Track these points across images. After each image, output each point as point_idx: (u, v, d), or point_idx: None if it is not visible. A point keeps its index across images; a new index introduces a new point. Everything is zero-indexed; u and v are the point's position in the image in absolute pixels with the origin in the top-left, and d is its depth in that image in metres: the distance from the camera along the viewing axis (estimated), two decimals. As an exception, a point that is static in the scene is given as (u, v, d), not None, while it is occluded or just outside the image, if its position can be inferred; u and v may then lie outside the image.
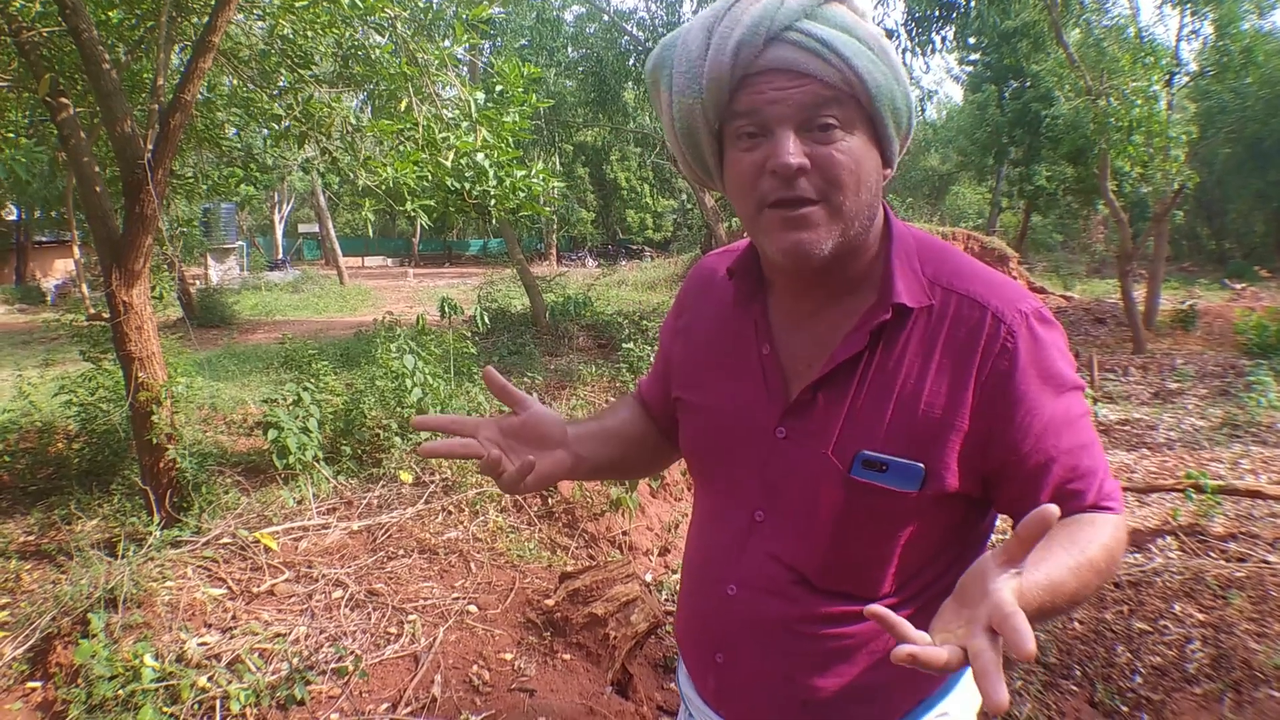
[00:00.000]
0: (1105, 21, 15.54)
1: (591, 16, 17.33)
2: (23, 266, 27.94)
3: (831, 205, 1.08)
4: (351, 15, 5.09)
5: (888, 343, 1.13)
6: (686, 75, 1.11)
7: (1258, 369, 9.34)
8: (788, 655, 1.21)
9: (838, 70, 1.05)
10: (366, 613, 3.41)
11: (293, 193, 38.46)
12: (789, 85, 1.06)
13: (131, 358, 4.74)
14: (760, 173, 1.08)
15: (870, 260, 1.18)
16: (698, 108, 1.11)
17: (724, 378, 1.27)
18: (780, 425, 1.19)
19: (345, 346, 12.52)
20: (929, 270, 1.16)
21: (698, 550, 1.36)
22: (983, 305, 1.11)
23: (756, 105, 1.07)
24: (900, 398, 1.12)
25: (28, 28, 4.59)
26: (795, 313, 1.22)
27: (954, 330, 1.12)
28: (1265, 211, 32.58)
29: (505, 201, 5.27)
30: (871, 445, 1.12)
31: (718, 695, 1.30)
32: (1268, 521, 4.87)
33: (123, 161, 4.46)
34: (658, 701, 3.27)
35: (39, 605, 3.27)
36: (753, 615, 1.22)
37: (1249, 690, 3.05)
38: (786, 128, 1.06)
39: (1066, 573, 0.97)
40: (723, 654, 1.27)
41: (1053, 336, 1.12)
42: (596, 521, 5.04)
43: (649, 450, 1.47)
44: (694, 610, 1.35)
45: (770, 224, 1.09)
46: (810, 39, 1.05)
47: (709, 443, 1.29)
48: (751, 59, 1.06)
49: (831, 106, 1.06)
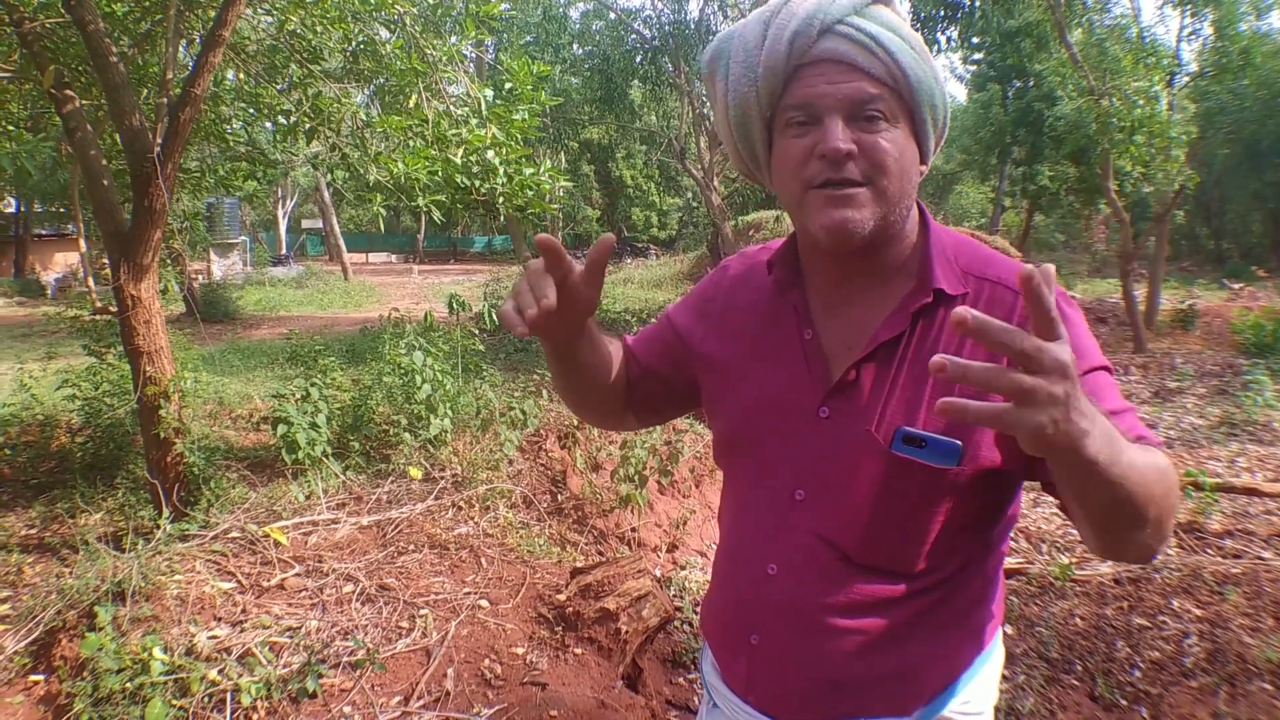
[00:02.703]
0: (1107, 21, 15.56)
1: (598, 14, 17.33)
2: (22, 259, 27.92)
3: (876, 188, 1.14)
4: (361, 11, 5.11)
5: (926, 324, 1.19)
6: (743, 64, 1.19)
7: (1255, 368, 9.38)
8: (825, 635, 1.23)
9: (884, 65, 1.13)
10: (378, 607, 3.43)
11: (296, 188, 38.40)
12: (839, 77, 1.13)
13: (139, 352, 4.75)
14: (808, 157, 1.15)
15: (907, 250, 1.25)
16: (752, 96, 1.18)
17: (765, 365, 1.31)
18: (823, 405, 1.23)
19: (351, 342, 12.53)
20: (962, 261, 1.23)
21: (733, 534, 1.38)
22: (1014, 290, 1.17)
23: (809, 95, 1.14)
24: (938, 377, 1.12)
25: (30, 18, 4.59)
26: (834, 299, 1.27)
27: (987, 312, 1.07)
28: (1262, 212, 32.56)
29: (514, 199, 5.30)
30: (910, 422, 1.16)
31: (748, 679, 1.32)
32: (1263, 519, 4.91)
33: (131, 155, 4.46)
34: (667, 695, 3.30)
35: (42, 598, 3.27)
36: (793, 594, 1.25)
37: (1243, 683, 3.10)
38: (836, 116, 1.13)
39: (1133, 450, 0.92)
40: (758, 635, 1.29)
41: (1076, 317, 1.16)
42: (606, 518, 5.06)
43: (608, 391, 1.42)
44: (729, 593, 1.37)
45: (816, 203, 1.15)
46: (860, 33, 1.13)
47: (750, 427, 1.32)
48: (805, 49, 1.14)
49: (878, 99, 1.13)
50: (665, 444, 5.54)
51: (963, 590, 1.24)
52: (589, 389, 1.40)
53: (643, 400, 1.48)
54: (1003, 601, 1.38)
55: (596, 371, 1.37)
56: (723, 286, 1.44)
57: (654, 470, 5.26)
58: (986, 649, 1.31)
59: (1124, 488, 0.91)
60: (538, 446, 5.62)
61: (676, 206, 41.23)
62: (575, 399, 1.44)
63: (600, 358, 1.36)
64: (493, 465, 5.11)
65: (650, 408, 1.51)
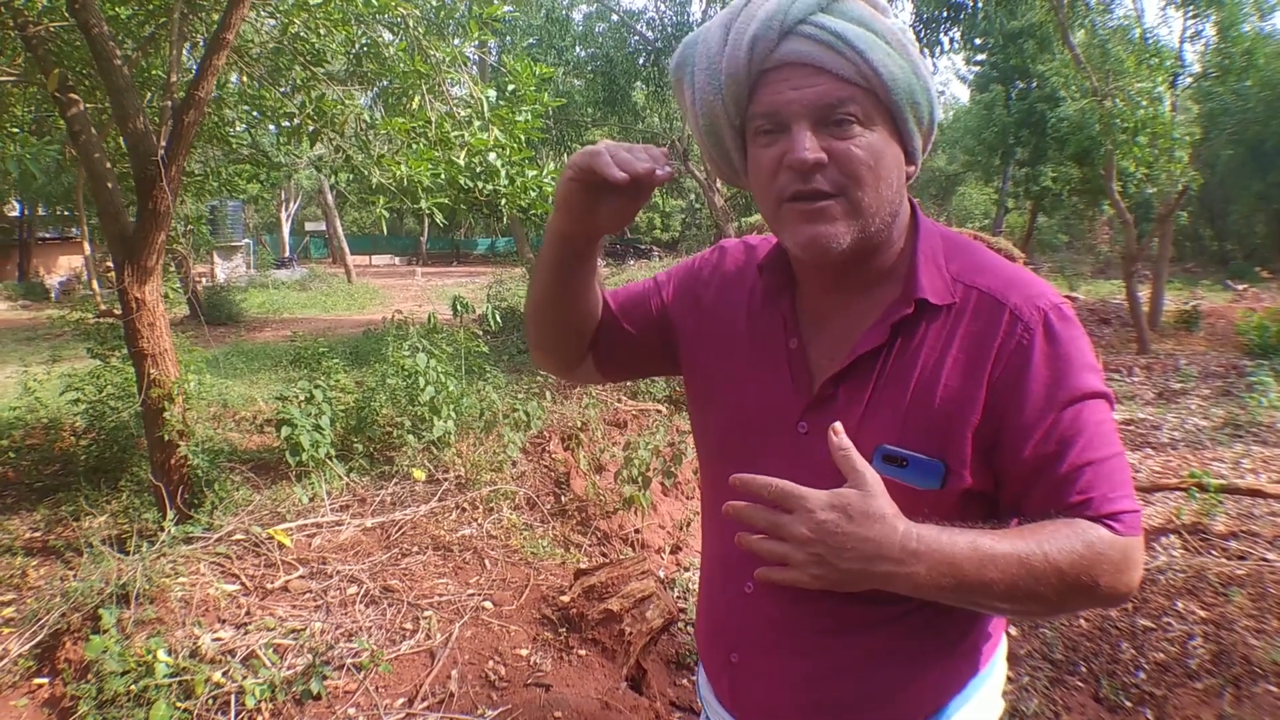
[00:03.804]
0: (1110, 22, 15.54)
1: (601, 15, 17.35)
2: (26, 263, 27.95)
3: (850, 200, 1.08)
4: (365, 13, 5.12)
5: (906, 337, 1.13)
6: (707, 73, 1.12)
7: (1259, 369, 9.39)
8: (804, 655, 1.20)
9: (853, 64, 1.05)
10: (382, 609, 3.43)
11: (299, 191, 38.47)
12: (804, 81, 1.06)
13: (144, 354, 4.76)
14: (778, 168, 1.09)
15: (896, 255, 1.18)
16: (719, 104, 1.12)
17: (750, 373, 1.26)
18: (802, 420, 1.18)
19: (354, 344, 12.53)
20: (953, 267, 1.16)
21: (713, 549, 1.35)
22: (1000, 301, 1.11)
23: (774, 101, 1.08)
24: (916, 391, 1.11)
25: (35, 22, 4.60)
26: (822, 307, 1.22)
27: (972, 325, 1.11)
28: (1266, 213, 32.55)
29: (517, 200, 5.30)
30: (889, 439, 1.11)
31: (732, 697, 1.29)
32: (1268, 520, 4.90)
33: (135, 158, 4.47)
34: (670, 697, 3.30)
35: (47, 601, 3.25)
36: (769, 613, 1.22)
37: (1248, 685, 3.09)
38: (803, 123, 1.06)
39: (978, 552, 0.99)
40: (737, 653, 1.26)
41: (1071, 334, 1.10)
42: (609, 519, 5.06)
43: (581, 324, 1.37)
44: (711, 608, 1.34)
45: (789, 218, 1.10)
46: (825, 32, 1.05)
47: (733, 438, 1.28)
48: (767, 54, 1.07)
49: (848, 101, 1.06)
50: (668, 445, 5.54)
51: (950, 613, 1.15)
52: (569, 307, 1.33)
53: (607, 350, 1.41)
54: (1003, 621, 1.33)
55: (585, 294, 1.32)
56: (718, 274, 1.38)
57: (657, 472, 5.26)
58: (983, 671, 1.26)
59: (986, 600, 1.01)
60: (541, 448, 5.63)
61: (679, 208, 41.26)
62: (551, 318, 1.35)
63: (591, 282, 1.32)
64: (496, 467, 5.11)
65: (614, 360, 1.43)
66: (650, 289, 1.43)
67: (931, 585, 0.99)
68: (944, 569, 0.98)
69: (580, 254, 1.26)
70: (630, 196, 1.15)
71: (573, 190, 1.15)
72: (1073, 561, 1.00)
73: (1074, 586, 1.01)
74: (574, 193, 1.15)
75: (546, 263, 1.29)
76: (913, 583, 0.99)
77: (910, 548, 0.98)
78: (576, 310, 1.34)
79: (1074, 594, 1.02)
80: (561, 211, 1.19)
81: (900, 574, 0.98)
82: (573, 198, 1.16)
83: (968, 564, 0.99)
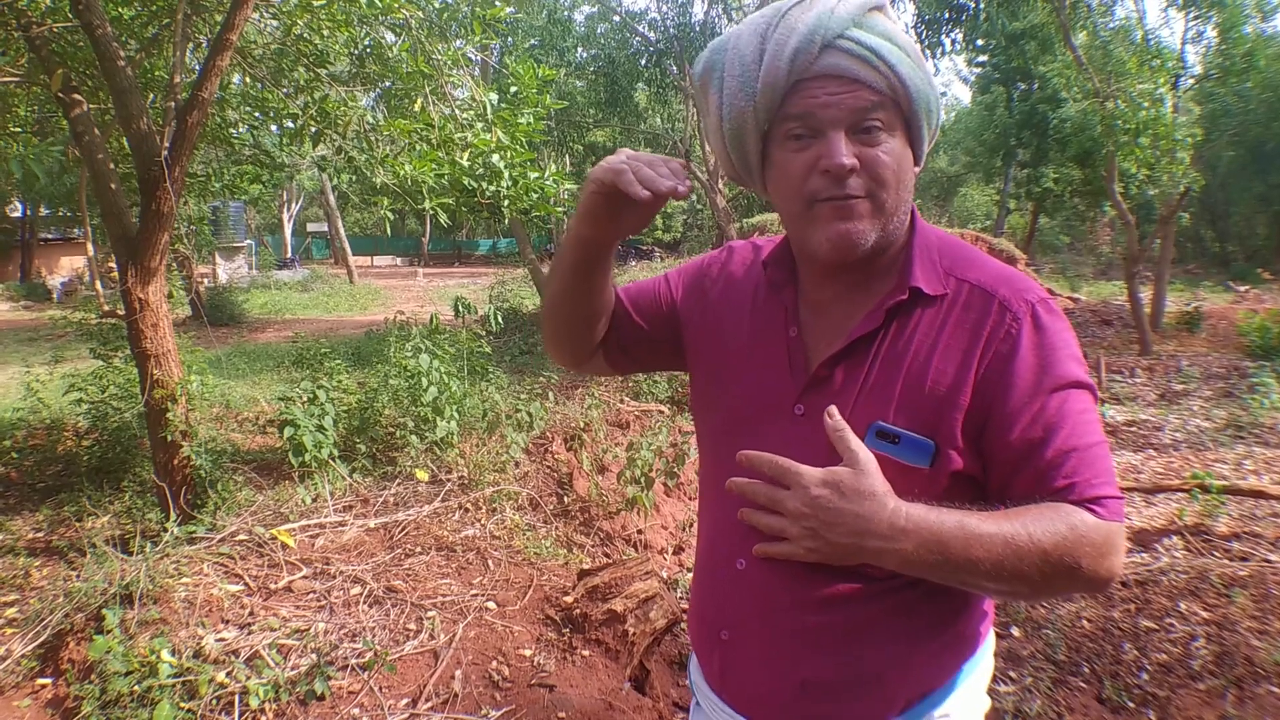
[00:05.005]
0: (1112, 24, 15.55)
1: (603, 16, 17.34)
2: (28, 263, 28.00)
3: (876, 201, 1.16)
4: (368, 15, 5.13)
5: (901, 322, 1.20)
6: (740, 79, 1.18)
7: (1261, 371, 9.39)
8: (793, 633, 1.23)
9: (885, 77, 1.14)
10: (385, 609, 3.43)
11: (301, 191, 38.49)
12: (841, 90, 1.14)
13: (147, 355, 4.77)
14: (810, 172, 1.16)
15: (896, 251, 1.25)
16: (749, 110, 1.18)
17: (752, 363, 1.32)
18: (799, 402, 1.24)
19: (357, 345, 12.55)
20: (946, 263, 1.23)
21: (708, 528, 1.39)
22: (990, 294, 1.18)
23: (810, 109, 1.15)
24: (909, 373, 1.17)
25: (38, 23, 4.61)
26: (821, 299, 1.29)
27: (963, 315, 1.18)
28: (1267, 214, 32.56)
29: (519, 202, 5.31)
30: (883, 417, 1.16)
31: (721, 676, 1.32)
32: (1270, 521, 4.89)
33: (138, 158, 4.48)
34: (673, 698, 3.29)
35: (50, 601, 3.25)
36: (761, 590, 1.25)
37: (1250, 686, 3.09)
38: (839, 130, 1.14)
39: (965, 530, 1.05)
40: (728, 631, 1.29)
41: (1057, 325, 1.17)
42: (612, 520, 5.06)
43: (594, 319, 1.43)
44: (703, 587, 1.37)
45: (821, 216, 1.16)
46: (861, 47, 1.13)
47: (733, 422, 1.32)
48: (807, 65, 1.14)
49: (877, 110, 1.14)
50: (671, 446, 5.54)
51: (941, 593, 1.20)
52: (585, 304, 1.40)
53: (617, 343, 1.48)
54: (993, 608, 1.36)
55: (601, 292, 1.39)
56: (725, 271, 1.45)
57: (660, 472, 5.26)
58: (975, 654, 1.29)
59: (972, 578, 1.07)
60: (544, 449, 5.63)
61: (681, 209, 41.23)
62: (568, 314, 1.43)
63: (607, 281, 1.39)
64: (499, 467, 5.12)
65: (624, 352, 1.50)
66: (660, 285, 1.51)
67: (919, 561, 1.06)
68: (931, 546, 1.05)
69: (599, 256, 1.33)
70: (649, 205, 1.21)
71: (596, 202, 1.22)
72: (1056, 543, 1.05)
73: (1057, 567, 1.06)
74: (598, 204, 1.22)
75: (566, 264, 1.36)
76: (901, 558, 1.07)
77: (899, 524, 1.05)
78: (592, 307, 1.41)
79: (1057, 575, 1.07)
80: (584, 219, 1.26)
81: (889, 549, 1.06)
82: (596, 208, 1.23)
83: (955, 542, 1.05)
